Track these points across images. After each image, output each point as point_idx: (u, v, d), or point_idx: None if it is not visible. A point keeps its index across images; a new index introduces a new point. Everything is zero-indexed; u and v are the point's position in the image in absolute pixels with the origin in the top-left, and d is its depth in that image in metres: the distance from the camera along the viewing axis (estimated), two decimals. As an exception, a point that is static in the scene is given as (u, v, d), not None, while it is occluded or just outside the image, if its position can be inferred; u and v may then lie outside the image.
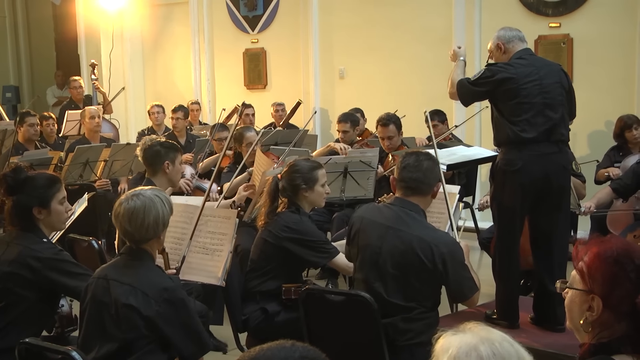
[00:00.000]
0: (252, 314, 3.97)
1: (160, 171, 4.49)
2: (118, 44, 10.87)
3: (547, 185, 4.32)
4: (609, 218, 5.63)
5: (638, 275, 1.96)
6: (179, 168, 4.56)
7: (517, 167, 4.27)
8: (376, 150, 6.06)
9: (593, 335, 2.01)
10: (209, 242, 3.98)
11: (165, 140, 4.77)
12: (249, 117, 8.67)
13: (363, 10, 8.92)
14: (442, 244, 3.39)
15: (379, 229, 3.49)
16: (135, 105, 10.87)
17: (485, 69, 4.40)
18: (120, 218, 3.07)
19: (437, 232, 3.54)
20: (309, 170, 4.07)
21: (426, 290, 3.43)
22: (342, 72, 9.19)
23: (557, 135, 4.34)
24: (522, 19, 7.64)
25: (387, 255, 3.42)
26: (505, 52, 4.43)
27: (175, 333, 2.99)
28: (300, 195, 4.06)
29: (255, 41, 9.93)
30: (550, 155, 4.33)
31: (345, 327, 3.36)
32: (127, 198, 3.09)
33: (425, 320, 3.43)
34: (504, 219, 4.38)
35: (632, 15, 7.21)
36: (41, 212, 3.44)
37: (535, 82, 4.30)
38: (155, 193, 3.14)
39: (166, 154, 4.50)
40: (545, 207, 4.36)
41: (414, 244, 3.38)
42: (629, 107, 7.09)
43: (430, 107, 7.40)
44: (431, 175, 3.55)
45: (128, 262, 3.09)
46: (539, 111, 4.28)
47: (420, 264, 3.35)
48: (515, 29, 4.54)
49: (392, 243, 3.42)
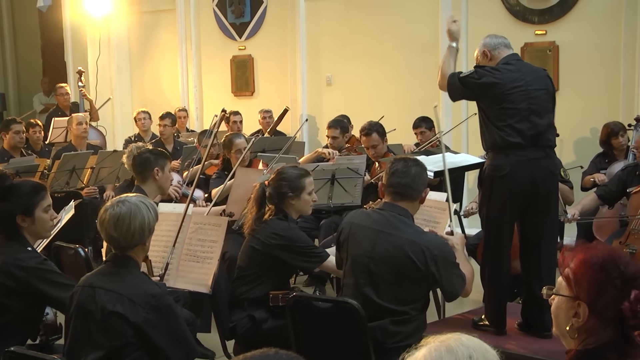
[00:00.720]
0: (239, 321, 3.96)
1: (150, 178, 4.48)
2: (105, 50, 10.84)
3: (535, 190, 4.33)
4: (595, 225, 5.65)
5: (623, 281, 1.97)
6: (168, 175, 4.56)
7: (504, 173, 4.28)
8: (363, 157, 6.07)
9: (579, 342, 2.02)
10: (200, 249, 3.97)
11: (154, 147, 4.77)
12: (236, 124, 8.66)
13: (350, 17, 8.95)
14: (433, 247, 3.45)
15: (369, 233, 3.52)
16: (122, 112, 10.83)
17: (474, 70, 4.41)
18: (106, 224, 3.06)
19: (427, 235, 3.58)
20: (296, 178, 4.08)
21: (418, 292, 3.49)
22: (330, 79, 9.21)
23: (544, 140, 4.36)
24: (508, 27, 7.68)
25: (379, 258, 3.45)
26: (492, 59, 4.45)
27: (163, 339, 2.98)
28: (287, 202, 4.06)
29: (242, 48, 9.94)
30: (537, 160, 4.34)
31: (332, 333, 3.36)
32: (113, 204, 3.09)
33: (415, 322, 3.47)
34: (493, 224, 4.39)
35: (616, 23, 7.27)
36: (25, 220, 3.41)
37: (521, 87, 4.32)
38: (140, 199, 3.14)
39: (155, 161, 4.50)
40: (533, 213, 4.37)
41: (405, 247, 3.42)
42: (614, 114, 7.14)
43: (417, 114, 7.47)
44: (419, 181, 3.59)
45: (113, 270, 3.08)
46: (525, 117, 4.29)
47: (412, 266, 3.40)
48: (500, 37, 4.55)
49: (383, 247, 3.46)
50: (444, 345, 1.57)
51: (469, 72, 4.42)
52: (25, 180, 3.75)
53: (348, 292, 3.54)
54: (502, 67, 4.38)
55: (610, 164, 6.43)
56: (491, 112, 4.31)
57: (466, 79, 4.38)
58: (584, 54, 7.46)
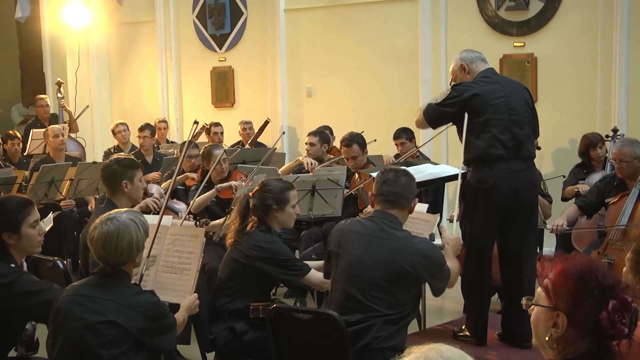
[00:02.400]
0: (219, 333, 3.94)
1: (120, 191, 4.34)
2: (84, 62, 10.79)
3: (518, 202, 4.36)
4: (574, 235, 5.68)
5: (601, 292, 1.98)
6: (138, 185, 4.42)
7: (489, 185, 4.31)
8: (344, 169, 6.07)
9: (558, 352, 2.02)
10: (177, 261, 3.93)
11: (124, 157, 4.68)
12: (217, 135, 8.64)
13: (330, 29, 8.98)
14: (424, 250, 3.52)
15: (362, 238, 3.55)
16: (102, 124, 10.77)
17: (452, 90, 4.44)
18: (95, 243, 3.08)
19: (418, 239, 3.64)
20: (280, 191, 4.08)
21: (409, 294, 3.53)
22: (310, 90, 9.22)
23: (524, 151, 4.40)
24: (487, 39, 7.75)
25: (371, 262, 3.47)
26: (469, 72, 4.49)
27: (160, 341, 3.15)
28: (271, 215, 4.06)
29: (222, 59, 9.93)
30: (519, 172, 4.38)
31: (313, 345, 3.35)
32: (102, 222, 3.09)
33: (401, 322, 3.50)
34: (477, 237, 4.39)
35: (593, 35, 7.35)
36: (11, 237, 3.38)
37: (501, 99, 4.36)
38: (130, 217, 3.14)
39: (123, 172, 4.35)
40: (515, 224, 4.39)
41: (397, 252, 3.46)
42: (592, 125, 7.21)
43: (397, 125, 7.50)
44: (409, 191, 3.63)
45: (106, 281, 3.09)
46: (506, 127, 4.33)
47: (404, 271, 3.43)
48: (477, 51, 4.61)
49: (376, 251, 3.49)
50: (423, 357, 1.57)
51: (445, 94, 4.46)
52: (11, 196, 3.71)
53: (337, 297, 3.53)
54: (480, 80, 4.42)
55: (588, 174, 6.48)
56: (474, 126, 4.32)
57: (444, 102, 4.44)
58: (562, 65, 7.54)
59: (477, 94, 4.32)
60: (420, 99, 8.28)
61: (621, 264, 2.50)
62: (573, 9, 7.47)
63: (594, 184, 5.79)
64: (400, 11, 8.47)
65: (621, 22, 7.12)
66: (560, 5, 7.51)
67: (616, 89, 7.21)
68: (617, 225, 5.14)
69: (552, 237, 5.65)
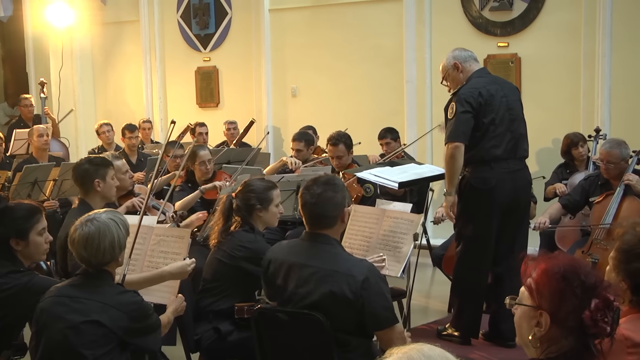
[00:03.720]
0: (204, 333, 3.93)
1: (92, 190, 4.28)
2: (68, 62, 10.73)
3: (515, 202, 4.39)
4: (558, 234, 5.72)
5: (584, 291, 1.99)
6: (111, 183, 4.34)
7: (491, 185, 4.31)
8: (328, 169, 6.07)
9: (541, 351, 2.04)
10: (162, 262, 3.92)
11: (95, 156, 4.58)
12: (202, 135, 8.62)
13: (315, 29, 8.98)
14: (358, 274, 3.15)
15: (293, 268, 3.30)
16: (86, 124, 10.72)
17: (456, 106, 4.36)
18: (76, 244, 3.07)
19: (352, 262, 3.27)
20: (263, 190, 4.06)
21: (353, 319, 3.19)
22: (295, 91, 9.22)
23: (521, 151, 4.43)
24: (471, 39, 7.77)
25: (305, 294, 3.23)
26: (462, 71, 4.49)
27: (142, 340, 3.12)
28: (254, 214, 4.05)
29: (207, 59, 9.91)
30: (517, 172, 4.42)
31: (298, 345, 3.35)
32: (82, 223, 3.09)
33: (361, 349, 3.26)
34: (477, 237, 4.35)
35: (576, 36, 7.39)
36: (19, 244, 3.42)
37: (502, 98, 4.39)
38: (110, 216, 3.13)
39: (95, 171, 4.28)
40: (510, 224, 4.41)
41: (330, 279, 3.18)
42: (575, 125, 7.25)
43: (381, 125, 7.52)
44: (331, 207, 3.29)
45: (89, 282, 3.09)
46: (507, 127, 4.36)
47: (341, 296, 3.14)
48: (468, 50, 4.61)
49: (307, 280, 3.23)
50: (405, 357, 1.57)
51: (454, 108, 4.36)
52: (20, 202, 3.70)
53: None
54: (476, 80, 4.39)
55: (571, 174, 6.52)
56: (481, 126, 4.30)
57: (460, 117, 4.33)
58: (546, 66, 7.58)
59: (482, 100, 4.31)
60: (404, 98, 8.31)
61: (605, 263, 2.51)
62: (556, 9, 7.51)
63: (578, 182, 5.83)
64: (385, 11, 8.48)
65: (604, 23, 7.16)
66: (543, 5, 7.55)
67: (599, 89, 7.26)
68: (602, 224, 5.17)
69: (536, 236, 5.68)
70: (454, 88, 4.54)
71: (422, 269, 6.85)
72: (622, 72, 7.19)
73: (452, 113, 4.36)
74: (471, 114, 4.33)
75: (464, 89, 4.38)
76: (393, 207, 4.59)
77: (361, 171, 5.21)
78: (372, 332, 3.25)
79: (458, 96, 4.37)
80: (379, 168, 5.06)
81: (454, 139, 4.36)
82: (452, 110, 4.37)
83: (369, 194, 5.95)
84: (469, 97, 4.34)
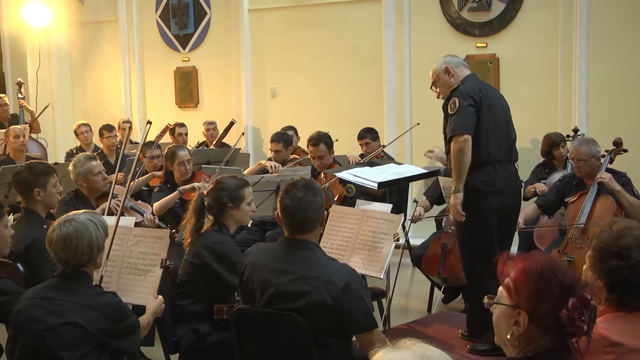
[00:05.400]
0: (183, 334, 3.91)
1: (33, 199, 4.20)
2: (45, 61, 10.65)
3: (515, 204, 4.43)
4: (536, 234, 5.75)
5: (561, 289, 2.01)
6: (52, 192, 4.24)
7: (498, 188, 4.30)
8: (308, 169, 6.08)
9: (519, 350, 2.05)
10: (141, 262, 3.90)
11: (36, 162, 4.46)
12: (182, 136, 8.59)
13: (294, 30, 8.98)
14: (337, 280, 3.12)
15: (271, 273, 3.26)
16: (64, 124, 10.64)
17: (459, 101, 4.28)
18: (54, 245, 3.05)
19: (332, 267, 3.22)
20: (235, 188, 4.03)
21: (332, 324, 3.17)
22: (274, 91, 9.21)
23: (514, 154, 4.47)
24: (450, 39, 7.81)
25: (284, 299, 3.20)
26: (454, 75, 4.46)
27: (120, 341, 3.11)
28: (226, 213, 4.01)
29: (186, 60, 9.87)
30: (515, 174, 4.47)
31: (277, 346, 3.34)
32: (60, 224, 3.07)
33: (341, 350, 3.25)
34: (485, 239, 4.27)
35: (554, 36, 7.45)
36: None
37: (498, 100, 4.42)
38: (88, 217, 3.12)
39: (35, 181, 4.19)
40: (507, 224, 4.43)
41: (310, 285, 3.15)
42: (553, 125, 7.31)
43: (361, 125, 7.53)
44: (312, 211, 3.25)
45: (67, 283, 3.07)
46: (504, 129, 4.39)
47: (321, 303, 3.12)
48: (458, 57, 4.64)
49: (287, 287, 3.20)
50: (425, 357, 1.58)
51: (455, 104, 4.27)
52: None
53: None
54: (472, 82, 4.40)
55: (550, 174, 6.56)
56: (485, 128, 4.29)
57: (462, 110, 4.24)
58: (523, 66, 7.63)
59: (483, 99, 4.32)
60: (384, 98, 8.32)
61: (581, 262, 2.54)
62: (534, 10, 7.57)
63: (553, 183, 5.87)
64: (364, 12, 8.50)
65: (580, 24, 7.22)
66: (521, 6, 7.60)
67: (576, 90, 7.31)
68: (577, 223, 5.21)
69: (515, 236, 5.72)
70: (444, 93, 4.48)
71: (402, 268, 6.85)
72: (599, 73, 7.25)
73: (455, 107, 4.26)
74: (474, 107, 4.27)
75: (464, 85, 4.35)
76: (373, 208, 4.60)
77: (341, 171, 5.21)
78: (350, 336, 3.26)
79: (459, 91, 4.31)
80: (358, 168, 5.06)
81: (462, 131, 4.22)
82: (455, 105, 4.27)
83: (350, 194, 5.96)
84: (471, 92, 4.30)
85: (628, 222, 2.52)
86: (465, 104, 4.26)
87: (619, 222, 2.48)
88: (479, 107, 4.29)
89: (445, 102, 4.43)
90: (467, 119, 4.25)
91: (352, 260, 4.28)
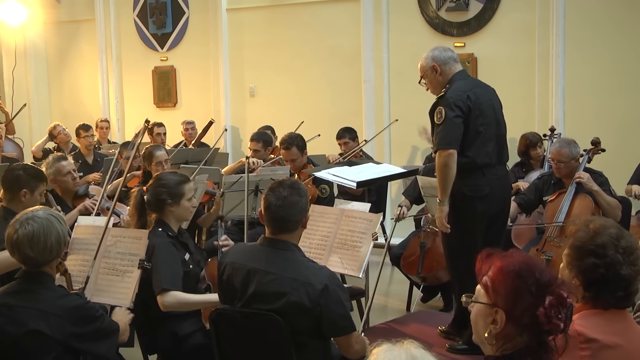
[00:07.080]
0: (161, 336, 3.88)
1: (17, 198, 4.15)
2: (21, 60, 10.56)
3: (503, 207, 4.38)
4: (514, 232, 5.79)
5: (538, 288, 2.02)
6: (37, 198, 4.19)
7: (485, 193, 4.21)
8: (287, 168, 6.06)
9: (497, 348, 2.06)
10: (119, 263, 3.86)
11: (32, 166, 4.44)
12: (160, 136, 8.54)
13: (273, 29, 8.96)
14: (316, 282, 3.11)
15: (251, 274, 3.23)
16: (40, 124, 10.54)
17: (446, 111, 4.15)
18: (21, 245, 2.95)
19: (311, 269, 3.20)
20: (175, 185, 3.94)
21: (310, 325, 3.16)
22: (253, 90, 9.19)
23: (504, 156, 4.40)
24: (428, 39, 7.83)
25: (263, 299, 3.19)
26: (441, 74, 4.30)
27: (92, 345, 2.99)
28: (166, 210, 3.92)
29: (164, 59, 9.83)
30: (503, 177, 4.39)
31: (256, 347, 3.33)
32: (21, 223, 2.98)
33: (320, 350, 3.25)
34: (468, 243, 4.19)
35: (531, 37, 7.50)
36: None
37: (488, 101, 4.30)
38: (48, 212, 3.06)
39: (27, 181, 4.16)
40: (495, 227, 4.39)
41: (289, 287, 3.13)
42: (530, 124, 7.35)
43: (340, 125, 7.54)
44: (296, 211, 3.25)
45: (28, 287, 2.98)
46: (494, 132, 4.29)
47: (299, 304, 3.11)
48: (449, 49, 4.41)
49: (265, 287, 3.18)
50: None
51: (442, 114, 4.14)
52: None
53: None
54: (460, 83, 4.24)
55: (527, 173, 6.61)
56: (471, 132, 4.17)
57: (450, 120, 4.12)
58: (501, 65, 7.67)
59: (472, 105, 4.17)
60: (362, 98, 8.34)
61: (559, 261, 2.55)
62: (511, 10, 7.62)
63: (532, 182, 5.91)
64: (343, 11, 8.51)
65: (557, 24, 7.28)
66: (499, 6, 7.65)
67: (553, 89, 7.37)
68: (555, 222, 5.25)
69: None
70: (433, 90, 4.35)
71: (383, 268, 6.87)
72: (576, 72, 7.31)
73: (441, 118, 4.14)
74: (462, 118, 4.14)
75: (451, 92, 4.18)
76: (352, 207, 4.59)
77: (319, 171, 5.20)
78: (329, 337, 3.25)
79: (446, 100, 4.16)
80: (337, 167, 5.05)
81: (447, 146, 4.13)
82: (441, 115, 4.15)
83: (324, 195, 5.96)
84: (458, 101, 4.14)
85: (604, 220, 2.53)
86: (452, 115, 4.12)
87: (595, 221, 2.50)
88: (466, 116, 4.15)
89: (432, 109, 4.29)
90: (453, 132, 4.14)
91: (330, 259, 4.27)
